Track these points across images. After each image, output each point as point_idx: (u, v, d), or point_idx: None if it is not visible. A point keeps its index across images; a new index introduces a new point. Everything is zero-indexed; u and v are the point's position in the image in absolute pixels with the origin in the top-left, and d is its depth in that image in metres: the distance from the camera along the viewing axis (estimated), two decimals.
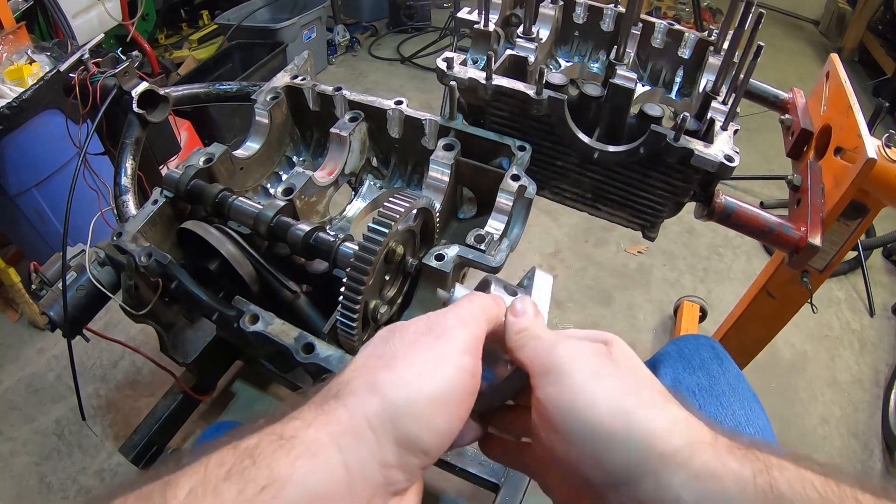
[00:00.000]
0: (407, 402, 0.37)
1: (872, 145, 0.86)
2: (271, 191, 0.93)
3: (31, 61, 1.71)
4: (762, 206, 0.92)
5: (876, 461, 1.65)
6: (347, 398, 0.38)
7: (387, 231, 0.56)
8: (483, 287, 0.54)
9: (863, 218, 1.01)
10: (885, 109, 1.17)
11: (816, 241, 0.86)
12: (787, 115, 1.12)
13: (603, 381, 0.39)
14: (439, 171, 0.80)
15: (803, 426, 1.71)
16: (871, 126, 0.91)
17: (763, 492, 0.33)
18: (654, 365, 0.91)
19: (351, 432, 0.36)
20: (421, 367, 0.39)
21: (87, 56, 1.19)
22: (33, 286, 0.99)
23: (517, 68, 0.93)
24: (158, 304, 1.02)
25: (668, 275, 2.14)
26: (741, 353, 1.08)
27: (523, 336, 0.44)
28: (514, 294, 0.53)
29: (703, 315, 1.88)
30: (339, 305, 0.59)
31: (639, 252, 2.21)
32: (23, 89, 1.50)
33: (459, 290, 0.56)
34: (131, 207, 1.00)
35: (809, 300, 1.20)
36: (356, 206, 0.92)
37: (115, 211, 1.04)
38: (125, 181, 1.05)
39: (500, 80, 0.84)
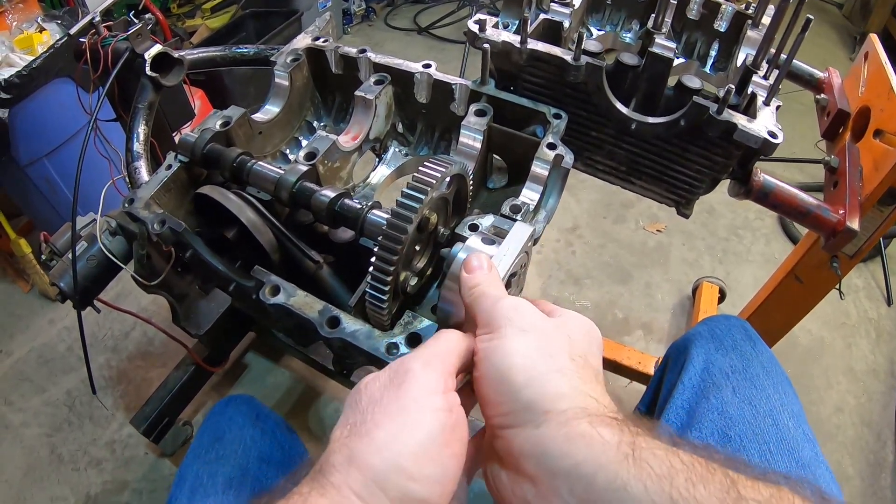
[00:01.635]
0: (387, 464, 0.39)
1: None
2: (291, 157, 0.89)
3: (41, 29, 1.68)
4: None
5: (888, 452, 1.63)
6: (331, 475, 0.39)
7: (423, 197, 0.53)
8: (472, 229, 0.58)
9: None
10: None
11: (855, 224, 0.85)
12: (822, 95, 1.08)
13: (526, 337, 0.42)
14: (471, 138, 0.76)
15: (818, 414, 1.69)
16: None
17: (625, 454, 0.36)
18: (685, 345, 0.88)
19: None
20: (391, 426, 0.40)
21: (98, 19, 1.15)
22: (43, 256, 0.98)
23: (551, 34, 0.89)
24: (171, 274, 1.00)
25: (686, 255, 2.10)
26: (763, 338, 1.07)
27: (474, 292, 0.47)
28: (491, 243, 0.54)
29: (722, 297, 1.85)
30: (369, 277, 0.56)
31: (657, 230, 2.17)
32: (33, 57, 1.46)
33: (458, 247, 0.55)
34: (144, 174, 0.97)
35: (838, 286, 1.17)
36: (381, 172, 0.88)
37: (126, 178, 1.01)
38: (137, 147, 1.02)
39: (535, 45, 0.80)
